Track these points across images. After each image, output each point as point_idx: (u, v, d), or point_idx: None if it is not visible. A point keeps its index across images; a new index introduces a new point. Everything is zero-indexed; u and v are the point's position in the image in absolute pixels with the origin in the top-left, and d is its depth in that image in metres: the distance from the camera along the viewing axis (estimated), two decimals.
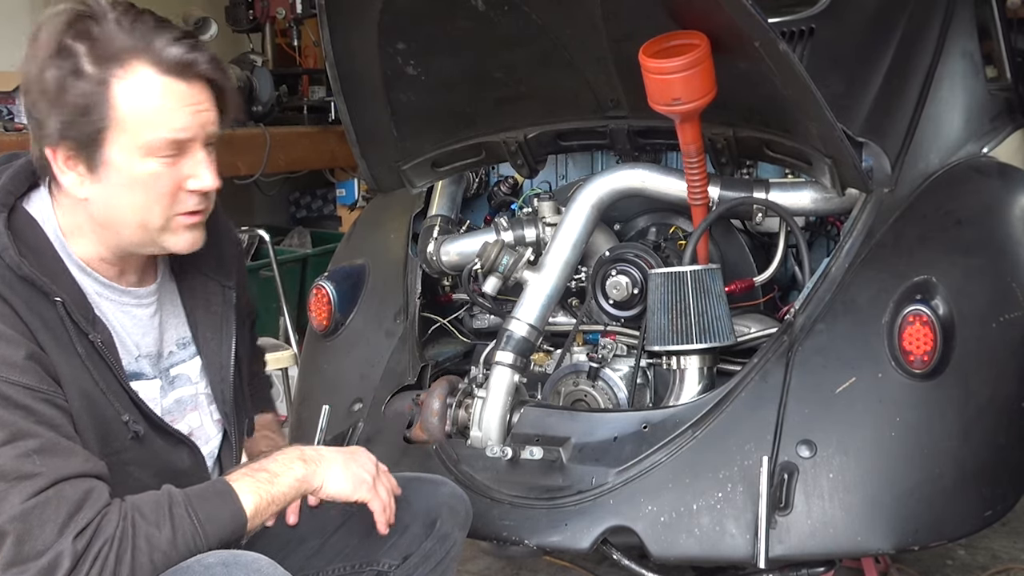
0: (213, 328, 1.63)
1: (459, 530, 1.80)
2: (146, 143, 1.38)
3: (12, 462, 1.26)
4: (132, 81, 1.36)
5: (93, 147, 1.37)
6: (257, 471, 1.45)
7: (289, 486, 1.46)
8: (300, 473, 1.48)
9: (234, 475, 1.44)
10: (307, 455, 1.51)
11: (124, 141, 1.37)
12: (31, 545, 1.25)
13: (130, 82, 1.36)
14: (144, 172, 1.39)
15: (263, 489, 1.42)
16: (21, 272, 1.34)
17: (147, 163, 1.39)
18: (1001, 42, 3.26)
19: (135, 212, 1.42)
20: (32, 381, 1.30)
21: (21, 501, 1.25)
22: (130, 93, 1.36)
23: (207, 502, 1.37)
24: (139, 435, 1.44)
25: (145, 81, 1.36)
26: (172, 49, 1.37)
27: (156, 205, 1.42)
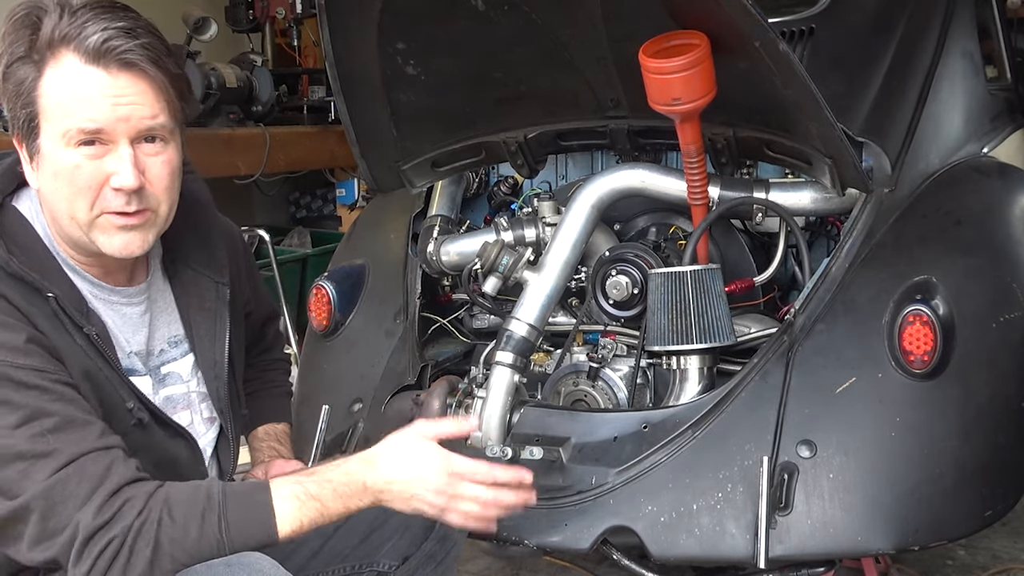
0: (207, 325, 1.63)
1: (459, 530, 1.80)
2: (63, 132, 1.36)
3: (29, 442, 1.27)
4: (58, 69, 1.35)
5: (32, 136, 1.38)
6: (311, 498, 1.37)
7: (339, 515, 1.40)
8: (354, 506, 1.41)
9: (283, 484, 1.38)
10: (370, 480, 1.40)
11: (49, 130, 1.37)
12: (55, 521, 1.26)
13: (57, 70, 1.35)
14: (66, 163, 1.37)
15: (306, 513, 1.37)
16: (10, 269, 1.35)
17: (68, 154, 1.37)
18: (1001, 42, 3.26)
19: (63, 204, 1.40)
20: (38, 362, 1.31)
21: (44, 478, 1.26)
22: (55, 81, 1.35)
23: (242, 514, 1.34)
24: (143, 422, 1.45)
25: (68, 69, 1.35)
26: (95, 37, 1.34)
27: (79, 199, 1.38)
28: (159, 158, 1.42)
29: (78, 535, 1.25)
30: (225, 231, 1.75)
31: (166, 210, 1.46)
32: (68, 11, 1.35)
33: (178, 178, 1.47)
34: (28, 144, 1.39)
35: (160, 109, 1.40)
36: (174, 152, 1.45)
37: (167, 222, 1.48)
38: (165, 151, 1.43)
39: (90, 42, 1.33)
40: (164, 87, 1.40)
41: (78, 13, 1.35)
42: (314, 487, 1.38)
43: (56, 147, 1.37)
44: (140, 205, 1.41)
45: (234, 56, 5.00)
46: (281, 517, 1.36)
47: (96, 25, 1.34)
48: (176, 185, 1.47)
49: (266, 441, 1.85)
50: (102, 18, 1.35)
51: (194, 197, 1.66)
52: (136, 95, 1.37)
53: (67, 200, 1.39)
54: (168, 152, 1.43)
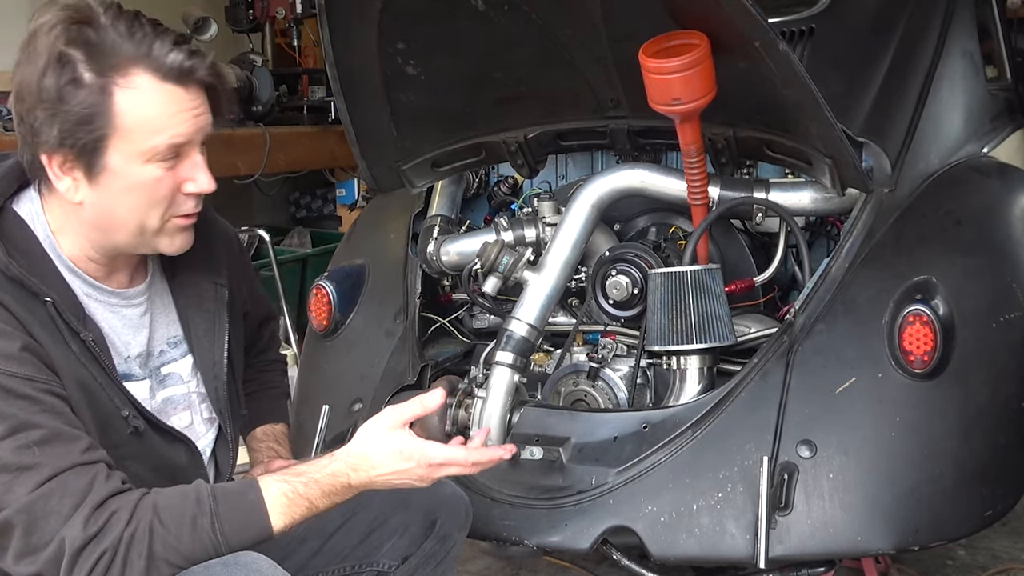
0: (206, 326, 1.63)
1: (459, 530, 1.80)
2: (148, 149, 1.38)
3: (13, 455, 1.26)
4: (133, 89, 1.35)
5: (94, 154, 1.36)
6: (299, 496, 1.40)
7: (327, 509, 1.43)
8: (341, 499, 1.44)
9: (270, 483, 1.40)
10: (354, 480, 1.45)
11: (125, 148, 1.37)
12: (38, 536, 1.25)
13: (131, 90, 1.35)
14: (145, 177, 1.39)
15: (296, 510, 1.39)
16: (10, 273, 1.34)
17: (148, 169, 1.39)
18: (1001, 42, 3.26)
19: (133, 216, 1.42)
20: (30, 372, 1.30)
21: (26, 492, 1.25)
22: (132, 101, 1.35)
23: (234, 512, 1.35)
24: (139, 430, 1.45)
25: (146, 89, 1.36)
26: (172, 56, 1.37)
27: (154, 209, 1.42)
28: (205, 159, 1.48)
29: (65, 550, 1.24)
30: (222, 232, 1.75)
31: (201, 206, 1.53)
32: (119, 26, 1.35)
33: None
34: (80, 161, 1.37)
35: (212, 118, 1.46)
36: None
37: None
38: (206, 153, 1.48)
39: (167, 61, 1.36)
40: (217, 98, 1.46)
41: (133, 30, 1.36)
42: (302, 488, 1.41)
43: (132, 164, 1.38)
44: (200, 204, 1.49)
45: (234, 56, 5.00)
46: (273, 513, 1.37)
47: (162, 44, 1.37)
48: None
49: (264, 441, 1.85)
50: (162, 36, 1.38)
51: None
52: (203, 106, 1.43)
53: (140, 211, 1.42)
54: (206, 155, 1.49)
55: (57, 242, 1.44)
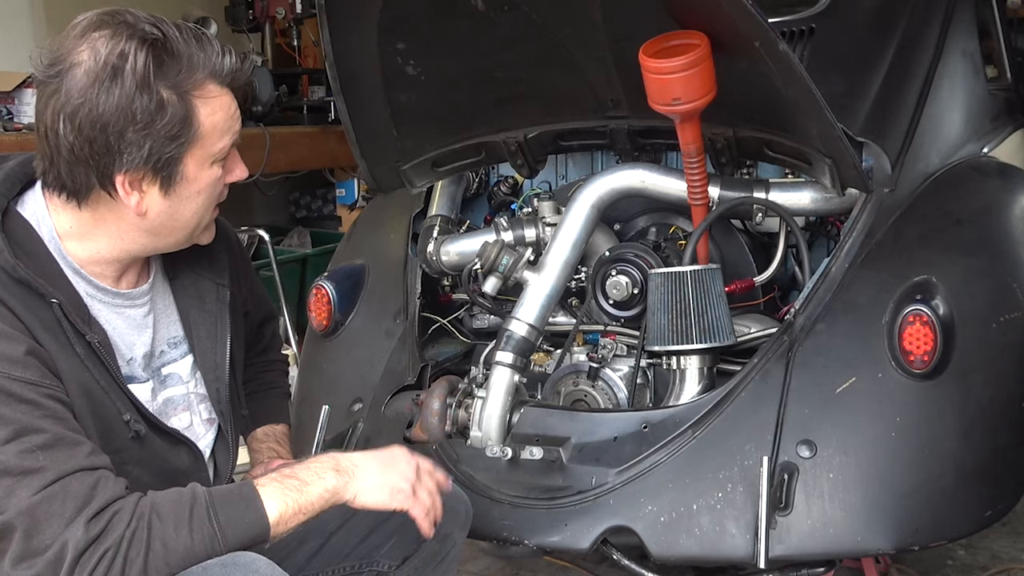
0: (207, 327, 1.64)
1: (459, 531, 1.80)
2: (218, 151, 1.45)
3: (16, 458, 1.26)
4: (207, 97, 1.41)
5: (172, 166, 1.41)
6: (287, 478, 1.43)
7: (319, 496, 1.43)
8: (331, 484, 1.44)
9: (263, 480, 1.42)
10: (341, 465, 1.47)
11: (200, 155, 1.43)
12: (39, 539, 1.25)
13: (206, 98, 1.41)
14: (212, 178, 1.48)
15: (291, 498, 1.40)
16: (16, 275, 1.34)
17: (212, 170, 1.47)
18: (1001, 42, 3.26)
19: (196, 216, 1.49)
20: (34, 376, 1.30)
21: (28, 495, 1.25)
22: (208, 108, 1.42)
23: (231, 507, 1.35)
24: (140, 434, 1.45)
25: (214, 95, 1.42)
26: (226, 61, 1.43)
27: (212, 205, 1.52)
28: None
29: (67, 553, 1.24)
30: (223, 232, 1.75)
31: None
32: (189, 40, 1.40)
33: None
34: (162, 176, 1.40)
35: None
36: None
37: None
38: None
39: (224, 68, 1.43)
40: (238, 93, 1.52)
41: (204, 44, 1.42)
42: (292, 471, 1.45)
43: (203, 167, 1.45)
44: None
45: None
46: (271, 513, 1.37)
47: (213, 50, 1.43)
48: None
49: (265, 442, 1.85)
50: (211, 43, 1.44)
51: None
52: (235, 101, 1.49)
53: (203, 210, 1.50)
54: None
55: (63, 244, 1.44)
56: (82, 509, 1.26)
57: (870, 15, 2.55)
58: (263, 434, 1.87)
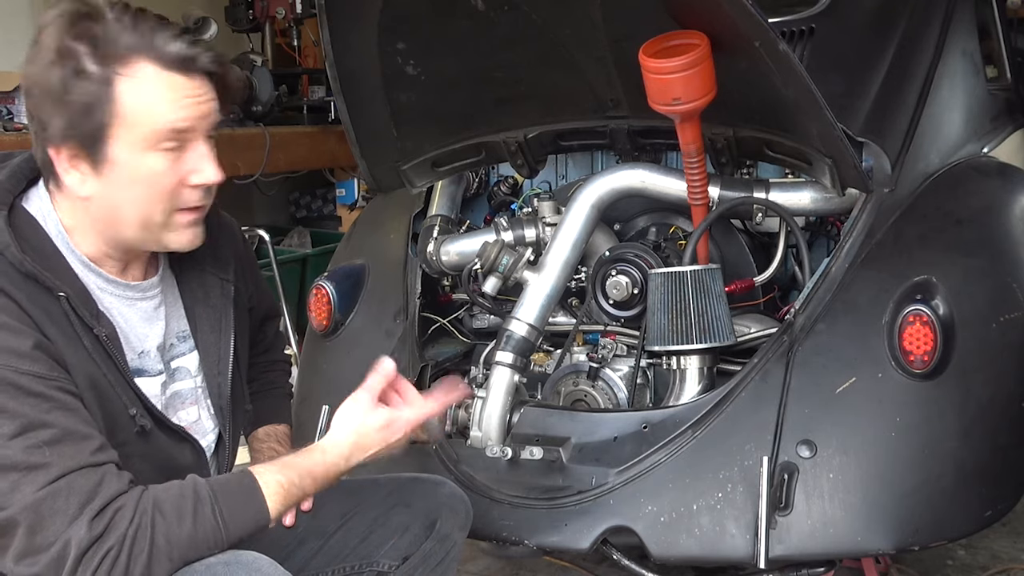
0: (211, 323, 1.64)
1: (459, 531, 1.80)
2: (149, 135, 1.39)
3: (23, 454, 1.26)
4: (135, 78, 1.37)
5: (97, 145, 1.38)
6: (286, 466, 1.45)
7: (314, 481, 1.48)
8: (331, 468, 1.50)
9: (260, 469, 1.44)
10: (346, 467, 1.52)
11: (127, 137, 1.38)
12: (42, 536, 1.25)
13: (133, 79, 1.37)
14: (147, 167, 1.40)
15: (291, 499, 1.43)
16: (24, 268, 1.35)
17: (150, 158, 1.40)
18: (1001, 42, 3.26)
19: (138, 209, 1.42)
20: (42, 369, 1.30)
21: (33, 491, 1.25)
22: (133, 89, 1.37)
23: (232, 499, 1.37)
24: (145, 429, 1.45)
25: (148, 77, 1.38)
26: (174, 45, 1.39)
27: (159, 202, 1.43)
28: (214, 151, 1.48)
29: (71, 550, 1.24)
30: (227, 228, 1.76)
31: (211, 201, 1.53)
32: (123, 20, 1.38)
33: None
34: (84, 153, 1.39)
35: (218, 106, 1.47)
36: None
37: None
38: (214, 147, 1.49)
39: (168, 50, 1.38)
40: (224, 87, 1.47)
41: (136, 23, 1.38)
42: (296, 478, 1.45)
43: (135, 153, 1.39)
44: (209, 198, 1.49)
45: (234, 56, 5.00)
46: (270, 501, 1.39)
47: (163, 34, 1.39)
48: None
49: (266, 442, 1.85)
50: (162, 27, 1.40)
51: None
52: (208, 93, 1.44)
53: (145, 203, 1.42)
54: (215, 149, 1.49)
55: (70, 238, 1.45)
56: (85, 506, 1.26)
57: (870, 15, 2.55)
58: (264, 434, 1.87)
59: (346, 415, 1.55)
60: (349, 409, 1.56)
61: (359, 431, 1.53)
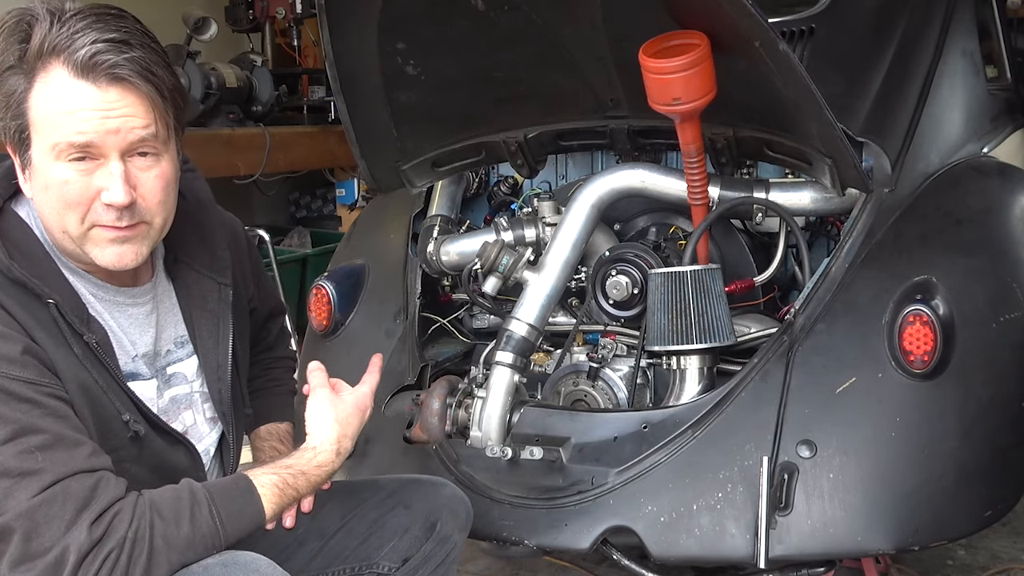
0: (210, 327, 1.63)
1: (459, 532, 1.80)
2: (53, 145, 1.34)
3: (15, 460, 1.25)
4: (47, 82, 1.33)
5: (24, 147, 1.37)
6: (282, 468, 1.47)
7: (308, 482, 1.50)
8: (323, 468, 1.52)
9: (255, 471, 1.45)
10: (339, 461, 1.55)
11: (40, 143, 1.35)
12: (38, 542, 1.25)
13: (46, 83, 1.33)
14: (56, 177, 1.36)
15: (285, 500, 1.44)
16: (12, 275, 1.34)
17: (58, 167, 1.35)
18: (1001, 42, 3.26)
19: (54, 217, 1.39)
20: (32, 375, 1.30)
21: (28, 498, 1.25)
22: (44, 94, 1.34)
23: (230, 501, 1.37)
24: (139, 435, 1.44)
25: (57, 83, 1.33)
26: (84, 50, 1.32)
27: (70, 213, 1.37)
28: (151, 172, 1.40)
29: (70, 556, 1.24)
30: (228, 228, 1.75)
31: (160, 222, 1.45)
32: (59, 20, 1.33)
33: (173, 190, 1.46)
34: (20, 155, 1.39)
35: (152, 120, 1.38)
36: (168, 165, 1.43)
37: (162, 233, 1.48)
38: (158, 165, 1.41)
39: (79, 55, 1.31)
40: (155, 99, 1.38)
41: (69, 22, 1.33)
42: (291, 479, 1.46)
43: (46, 161, 1.35)
44: (132, 219, 1.40)
45: (234, 56, 5.00)
46: (266, 502, 1.41)
47: (86, 37, 1.32)
48: (171, 198, 1.46)
49: (268, 441, 1.85)
50: (93, 28, 1.33)
51: (195, 196, 1.66)
52: (126, 108, 1.35)
53: (57, 213, 1.38)
54: (161, 165, 1.42)
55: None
56: (82, 512, 1.25)
57: (870, 15, 2.55)
58: (266, 432, 1.87)
59: (317, 413, 1.56)
60: (317, 408, 1.57)
61: (338, 419, 1.56)
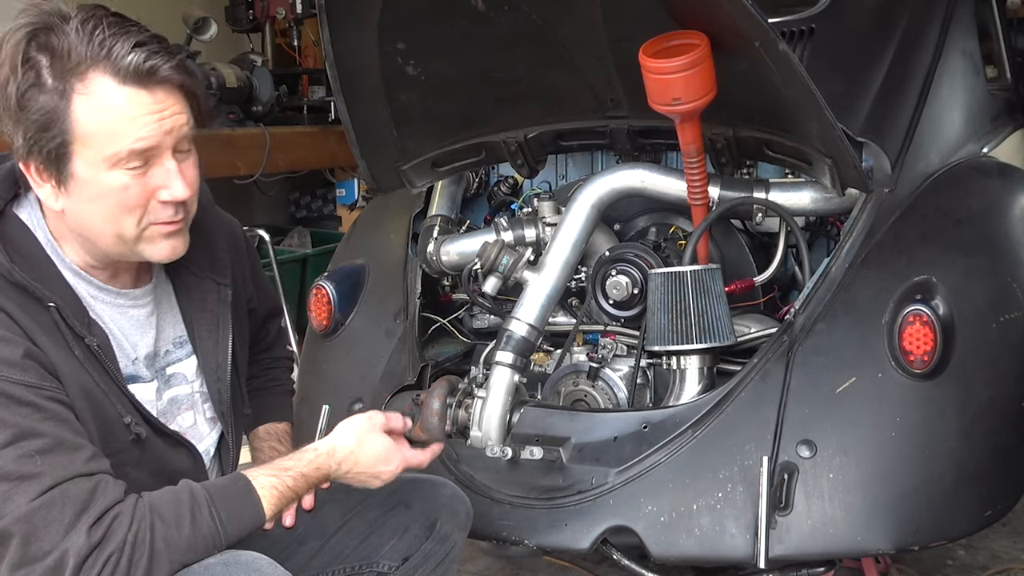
0: (209, 328, 1.63)
1: (459, 531, 1.80)
2: (111, 155, 1.34)
3: (14, 463, 1.25)
4: (92, 93, 1.32)
5: (60, 161, 1.35)
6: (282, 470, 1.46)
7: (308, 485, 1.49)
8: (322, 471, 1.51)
9: (254, 472, 1.45)
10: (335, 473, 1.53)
11: (88, 155, 1.34)
12: (37, 546, 1.25)
13: (90, 95, 1.32)
14: (112, 185, 1.36)
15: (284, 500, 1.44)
16: (13, 279, 1.34)
17: (114, 175, 1.36)
18: (1001, 42, 3.26)
19: (107, 225, 1.39)
20: (33, 379, 1.30)
21: (26, 502, 1.25)
22: (90, 106, 1.33)
23: (229, 502, 1.37)
24: (140, 437, 1.44)
25: (105, 92, 1.33)
26: (131, 57, 1.32)
27: (128, 217, 1.39)
28: (190, 162, 1.44)
29: (69, 560, 1.23)
30: (227, 229, 1.75)
31: (195, 208, 1.50)
32: (83, 30, 1.32)
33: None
34: (54, 170, 1.36)
35: (190, 116, 1.42)
36: (195, 153, 1.47)
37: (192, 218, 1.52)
38: (192, 155, 1.45)
39: (125, 63, 1.32)
40: (191, 95, 1.41)
41: (96, 32, 1.32)
42: (290, 480, 1.46)
43: (98, 171, 1.35)
44: (184, 212, 1.45)
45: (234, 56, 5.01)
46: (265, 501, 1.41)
47: (123, 45, 1.33)
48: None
49: (267, 441, 1.85)
50: (124, 36, 1.33)
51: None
52: (174, 107, 1.38)
53: (112, 220, 1.39)
54: (193, 155, 1.46)
55: (59, 246, 1.44)
56: (81, 515, 1.25)
57: (870, 15, 2.55)
58: (265, 432, 1.87)
59: (354, 424, 1.56)
60: (359, 421, 1.57)
61: (361, 440, 1.55)
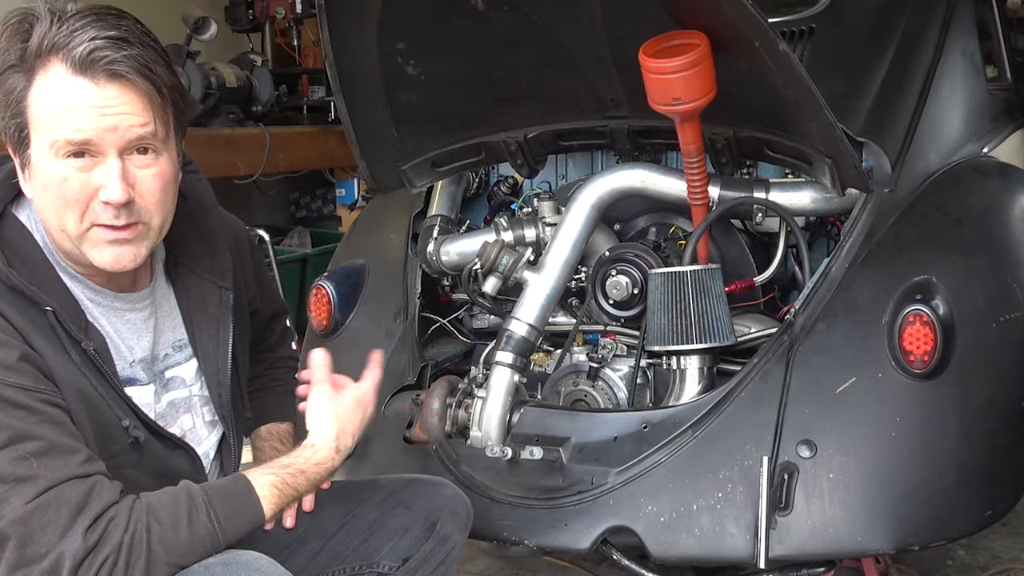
0: (209, 331, 1.62)
1: (459, 532, 1.80)
2: (51, 143, 1.34)
3: (10, 466, 1.25)
4: (47, 80, 1.33)
5: (23, 147, 1.37)
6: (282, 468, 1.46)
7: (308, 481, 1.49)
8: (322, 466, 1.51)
9: (254, 472, 1.44)
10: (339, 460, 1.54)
11: (38, 141, 1.35)
12: (33, 548, 1.24)
13: (45, 81, 1.33)
14: (55, 175, 1.35)
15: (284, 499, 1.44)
16: (10, 282, 1.34)
17: (57, 165, 1.35)
18: (1001, 42, 3.26)
19: (53, 217, 1.38)
20: (29, 382, 1.30)
21: (22, 504, 1.24)
22: (43, 91, 1.33)
23: (228, 502, 1.37)
24: (139, 440, 1.44)
25: (56, 80, 1.33)
26: (83, 47, 1.31)
27: (69, 212, 1.36)
28: (150, 171, 1.39)
29: (65, 562, 1.23)
30: (230, 230, 1.75)
31: (159, 223, 1.44)
32: (59, 19, 1.33)
33: (172, 190, 1.45)
34: (20, 154, 1.38)
35: (150, 119, 1.37)
36: (167, 164, 1.42)
37: (161, 234, 1.47)
38: (156, 163, 1.40)
39: (77, 52, 1.31)
40: (153, 97, 1.37)
41: (69, 21, 1.33)
42: (290, 478, 1.46)
43: (45, 158, 1.35)
44: (130, 219, 1.39)
45: (234, 56, 5.01)
46: (265, 502, 1.40)
47: (85, 34, 1.32)
48: (170, 198, 1.45)
49: (268, 441, 1.85)
50: (93, 27, 1.33)
51: (197, 197, 1.65)
52: (124, 105, 1.34)
53: (57, 212, 1.37)
54: (160, 164, 1.41)
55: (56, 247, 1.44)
56: (77, 517, 1.25)
57: (870, 15, 2.55)
58: (267, 432, 1.87)
59: (317, 410, 1.56)
60: (317, 405, 1.57)
61: (337, 416, 1.55)
